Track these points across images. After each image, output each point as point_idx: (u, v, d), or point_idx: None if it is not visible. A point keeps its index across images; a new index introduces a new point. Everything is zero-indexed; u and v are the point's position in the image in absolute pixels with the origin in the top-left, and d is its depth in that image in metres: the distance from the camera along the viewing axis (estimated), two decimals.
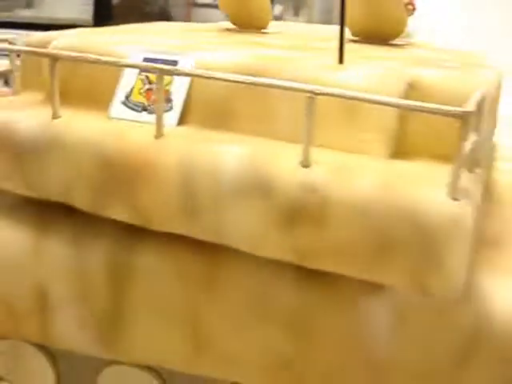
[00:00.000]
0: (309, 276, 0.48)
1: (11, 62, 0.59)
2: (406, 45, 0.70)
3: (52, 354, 0.60)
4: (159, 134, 0.48)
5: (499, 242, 0.54)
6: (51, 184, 0.52)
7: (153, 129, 0.48)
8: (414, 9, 0.75)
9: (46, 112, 0.52)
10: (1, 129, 0.53)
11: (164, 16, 4.57)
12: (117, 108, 0.52)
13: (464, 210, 0.40)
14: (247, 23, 0.74)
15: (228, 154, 0.45)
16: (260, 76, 0.47)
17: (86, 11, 2.37)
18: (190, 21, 4.69)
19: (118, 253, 0.52)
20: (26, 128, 0.52)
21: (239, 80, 0.45)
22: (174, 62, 0.51)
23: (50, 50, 0.55)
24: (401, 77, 0.49)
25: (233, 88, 0.49)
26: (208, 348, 0.52)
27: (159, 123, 0.47)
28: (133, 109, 0.51)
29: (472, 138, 0.42)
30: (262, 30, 0.75)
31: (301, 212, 0.43)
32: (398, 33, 0.67)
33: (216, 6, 0.78)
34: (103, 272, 0.53)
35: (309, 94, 0.42)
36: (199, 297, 0.51)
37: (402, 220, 0.40)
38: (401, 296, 0.48)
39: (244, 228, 0.45)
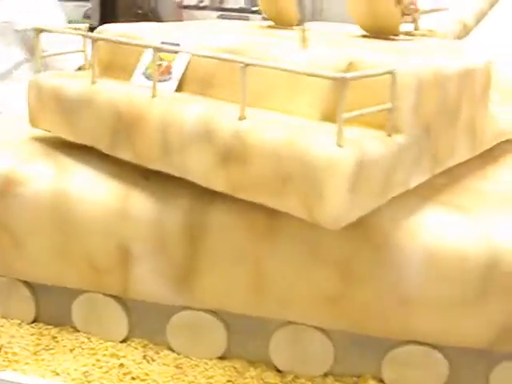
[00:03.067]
0: (355, 224, 0.59)
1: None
2: (408, 39, 0.80)
3: (126, 305, 0.69)
4: (154, 95, 0.63)
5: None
6: (86, 131, 0.69)
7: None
8: (416, 10, 0.84)
9: (88, 79, 0.69)
10: (56, 90, 0.71)
11: (156, 18, 4.64)
12: (138, 77, 0.69)
13: (344, 155, 0.51)
14: (280, 20, 0.85)
15: (190, 111, 0.60)
16: (240, 55, 0.61)
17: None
18: (181, 21, 4.76)
19: (192, 213, 0.62)
20: (73, 89, 0.70)
21: (198, 54, 0.62)
22: (176, 45, 0.67)
23: (92, 34, 0.72)
24: (343, 58, 0.61)
25: (212, 66, 0.65)
26: (268, 291, 0.62)
27: (154, 87, 0.63)
28: (148, 78, 0.67)
29: (387, 105, 0.54)
30: (293, 27, 0.86)
31: (231, 153, 0.56)
32: (393, 29, 0.78)
33: (202, 8, 0.89)
34: (180, 230, 0.63)
35: (241, 65, 0.56)
36: (262, 246, 0.61)
37: (297, 160, 0.52)
38: (428, 240, 0.59)
39: (197, 166, 0.59)
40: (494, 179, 0.72)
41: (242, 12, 4.64)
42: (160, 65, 0.67)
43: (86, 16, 4.37)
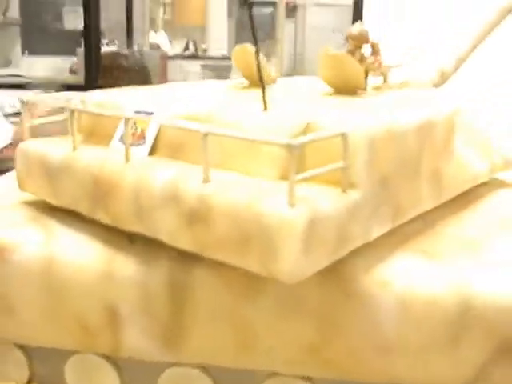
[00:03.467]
0: (329, 275, 0.62)
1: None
2: (372, 94, 0.84)
3: (117, 364, 0.72)
4: (127, 160, 0.68)
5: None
6: (68, 195, 0.74)
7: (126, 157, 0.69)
8: (380, 65, 0.87)
9: (69, 146, 0.75)
10: (41, 156, 0.77)
11: (142, 69, 4.76)
12: (115, 143, 0.75)
13: (295, 214, 0.54)
14: (255, 79, 0.90)
15: (160, 176, 0.64)
16: (206, 122, 0.66)
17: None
18: (166, 72, 4.86)
19: (176, 273, 0.65)
20: (55, 155, 0.75)
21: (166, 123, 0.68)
22: (150, 113, 0.73)
23: (70, 105, 0.75)
24: (300, 120, 0.64)
25: (181, 132, 0.69)
26: (253, 344, 0.65)
27: (127, 153, 0.68)
28: (124, 144, 0.71)
29: (340, 164, 0.58)
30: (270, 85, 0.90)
31: (196, 214, 0.60)
32: (358, 86, 0.81)
33: (186, 57, 0.93)
34: (164, 289, 0.66)
35: (201, 134, 0.60)
36: (244, 302, 0.64)
37: (254, 221, 0.55)
38: (399, 288, 0.62)
39: (167, 227, 0.63)
40: (465, 224, 0.76)
41: (225, 60, 4.77)
42: (134, 132, 0.72)
43: (72, 71, 4.45)
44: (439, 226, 0.74)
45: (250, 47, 0.87)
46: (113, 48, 4.45)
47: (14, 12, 4.30)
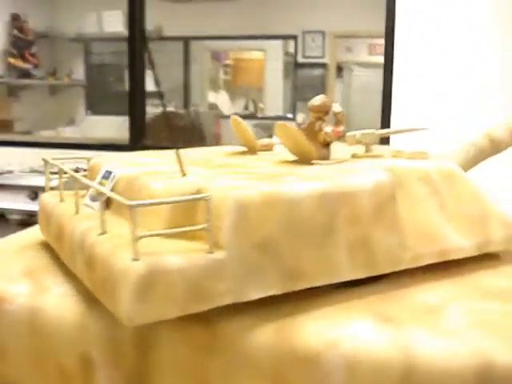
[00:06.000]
0: (281, 336, 0.66)
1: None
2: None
3: None
4: (76, 213, 0.82)
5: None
6: (51, 236, 0.89)
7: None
8: (337, 134, 0.88)
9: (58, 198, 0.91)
10: (44, 205, 0.92)
11: (196, 128, 4.92)
12: (86, 199, 0.86)
13: (134, 268, 0.63)
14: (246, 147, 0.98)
15: (79, 226, 0.76)
16: (133, 181, 0.79)
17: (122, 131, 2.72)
18: (220, 131, 5.02)
19: (142, 327, 0.71)
20: (49, 205, 0.91)
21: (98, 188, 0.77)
22: (109, 173, 0.84)
23: (62, 168, 0.87)
24: (192, 185, 0.72)
25: (122, 188, 0.80)
26: None
27: (76, 207, 0.81)
28: (92, 199, 0.85)
29: (204, 226, 0.64)
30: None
31: (89, 261, 0.72)
32: (309, 159, 0.86)
33: (240, 117, 0.99)
34: (131, 342, 0.71)
35: (98, 192, 0.73)
36: (202, 358, 0.68)
37: (109, 270, 0.66)
38: (347, 350, 0.65)
39: (79, 268, 0.76)
40: (431, 290, 0.78)
41: (279, 120, 4.90)
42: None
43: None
44: (403, 290, 0.77)
45: (240, 121, 0.95)
46: (170, 108, 4.68)
47: (80, 74, 4.61)
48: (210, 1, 4.09)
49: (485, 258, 0.89)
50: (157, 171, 0.81)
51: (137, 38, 2.50)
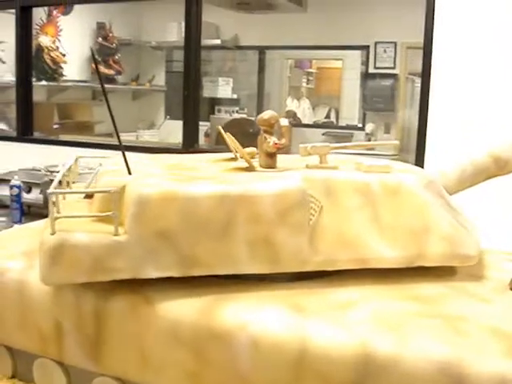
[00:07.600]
0: (203, 317, 0.79)
1: None
2: None
3: (67, 370, 0.93)
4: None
5: None
6: None
7: None
8: (277, 145, 0.96)
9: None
10: None
11: None
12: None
13: (49, 239, 0.82)
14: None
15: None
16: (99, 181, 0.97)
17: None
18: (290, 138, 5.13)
19: (100, 301, 0.86)
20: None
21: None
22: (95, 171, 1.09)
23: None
24: (121, 183, 0.87)
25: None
26: (149, 363, 0.83)
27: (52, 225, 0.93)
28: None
29: (111, 213, 0.82)
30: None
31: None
32: (252, 167, 0.97)
33: (310, 126, 1.08)
34: (92, 313, 0.87)
35: (50, 192, 0.86)
36: (145, 331, 0.83)
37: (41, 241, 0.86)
38: (254, 331, 0.77)
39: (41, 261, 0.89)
40: (350, 290, 0.86)
41: (347, 129, 4.95)
42: None
43: (207, 135, 4.87)
44: (331, 289, 0.86)
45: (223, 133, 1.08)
46: (242, 115, 4.85)
47: (161, 80, 4.89)
48: (283, 12, 4.23)
49: (431, 272, 0.91)
50: (120, 170, 0.96)
51: (192, 48, 2.70)
